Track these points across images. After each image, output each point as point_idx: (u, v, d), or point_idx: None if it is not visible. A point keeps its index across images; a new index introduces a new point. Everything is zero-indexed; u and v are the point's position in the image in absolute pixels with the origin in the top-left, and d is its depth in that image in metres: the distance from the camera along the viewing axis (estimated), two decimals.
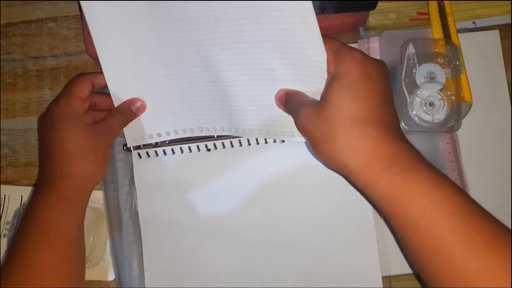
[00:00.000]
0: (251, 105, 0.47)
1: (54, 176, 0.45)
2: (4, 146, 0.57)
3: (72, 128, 0.45)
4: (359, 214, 0.50)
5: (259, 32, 0.42)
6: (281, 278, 0.51)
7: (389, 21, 0.55)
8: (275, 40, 0.42)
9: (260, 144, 0.52)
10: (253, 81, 0.45)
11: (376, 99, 0.36)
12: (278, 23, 0.40)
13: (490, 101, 0.54)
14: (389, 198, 0.35)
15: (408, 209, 0.34)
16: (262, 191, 0.51)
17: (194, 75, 0.48)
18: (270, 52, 0.43)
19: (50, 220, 0.44)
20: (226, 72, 0.46)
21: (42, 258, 0.42)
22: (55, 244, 0.43)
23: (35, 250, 0.42)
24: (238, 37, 0.43)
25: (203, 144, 0.52)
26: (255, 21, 0.41)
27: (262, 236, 0.51)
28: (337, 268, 0.50)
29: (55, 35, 0.58)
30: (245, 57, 0.44)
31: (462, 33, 0.54)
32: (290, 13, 0.39)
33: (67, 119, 0.45)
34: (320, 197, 0.51)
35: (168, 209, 0.52)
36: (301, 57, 0.41)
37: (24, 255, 0.42)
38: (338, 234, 0.50)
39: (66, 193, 0.45)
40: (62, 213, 0.44)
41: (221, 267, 0.51)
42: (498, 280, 0.31)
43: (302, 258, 0.51)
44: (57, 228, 0.44)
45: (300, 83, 0.43)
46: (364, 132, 0.35)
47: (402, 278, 0.53)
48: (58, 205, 0.44)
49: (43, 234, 0.43)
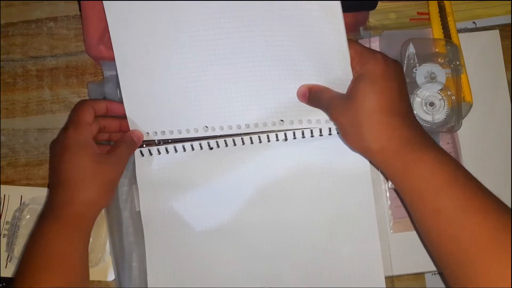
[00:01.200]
0: (269, 96, 0.49)
1: (59, 203, 0.46)
2: (4, 146, 0.57)
3: (80, 157, 0.46)
4: (362, 214, 0.50)
5: (287, 27, 0.45)
6: (284, 278, 0.51)
7: (389, 21, 0.55)
8: (301, 36, 0.45)
9: (262, 143, 0.52)
10: (275, 75, 0.48)
11: (394, 94, 0.42)
12: (307, 21, 0.44)
13: (491, 101, 0.54)
14: (400, 174, 0.42)
15: (415, 182, 0.41)
16: (265, 190, 0.51)
17: (203, 73, 0.49)
18: (294, 47, 0.46)
19: (52, 246, 0.44)
20: (245, 66, 0.48)
21: (44, 285, 0.43)
22: (57, 271, 0.44)
23: (37, 277, 0.43)
24: (267, 32, 0.46)
25: (205, 142, 0.52)
26: (285, 18, 0.44)
27: (265, 235, 0.51)
28: (339, 268, 0.50)
29: (55, 35, 0.58)
30: (269, 49, 0.47)
31: (462, 33, 0.54)
32: (319, 12, 0.43)
33: (76, 147, 0.47)
34: (323, 197, 0.51)
35: (170, 207, 0.52)
36: (326, 55, 0.45)
37: (27, 282, 0.43)
38: (340, 234, 0.50)
39: (70, 220, 0.45)
40: (65, 239, 0.45)
41: (223, 266, 0.51)
42: (488, 239, 0.38)
43: (304, 258, 0.51)
44: (59, 254, 0.44)
45: (323, 78, 0.46)
46: (384, 121, 0.42)
47: (405, 278, 0.53)
48: (62, 231, 0.45)
49: (46, 260, 0.44)
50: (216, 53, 0.48)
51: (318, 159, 0.51)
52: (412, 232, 0.52)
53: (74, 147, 0.47)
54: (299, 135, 0.51)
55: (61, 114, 0.57)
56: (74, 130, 0.47)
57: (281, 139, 0.51)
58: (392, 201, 0.52)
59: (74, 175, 0.46)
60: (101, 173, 0.47)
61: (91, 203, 0.47)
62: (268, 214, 0.51)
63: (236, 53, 0.47)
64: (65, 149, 0.47)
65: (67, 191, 0.46)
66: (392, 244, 0.51)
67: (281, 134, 0.51)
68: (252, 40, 0.47)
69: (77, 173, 0.46)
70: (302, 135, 0.51)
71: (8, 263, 0.54)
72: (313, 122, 0.50)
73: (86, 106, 0.49)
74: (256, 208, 0.51)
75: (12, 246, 0.53)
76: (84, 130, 0.48)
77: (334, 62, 0.45)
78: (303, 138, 0.51)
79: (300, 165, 0.51)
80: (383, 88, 0.42)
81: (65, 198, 0.46)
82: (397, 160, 0.42)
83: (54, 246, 0.44)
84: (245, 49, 0.47)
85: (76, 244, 0.46)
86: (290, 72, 0.47)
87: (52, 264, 0.44)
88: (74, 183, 0.46)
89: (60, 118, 0.57)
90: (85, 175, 0.46)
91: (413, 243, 0.52)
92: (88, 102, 0.50)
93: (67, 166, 0.46)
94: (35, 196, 0.55)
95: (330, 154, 0.51)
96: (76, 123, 0.48)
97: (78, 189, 0.46)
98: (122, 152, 0.50)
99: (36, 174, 0.56)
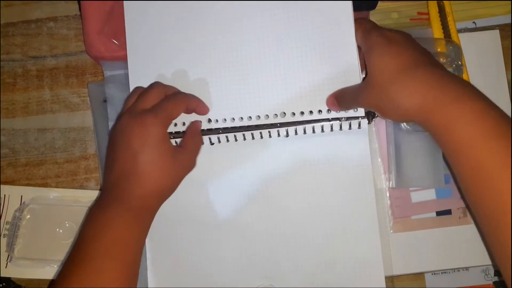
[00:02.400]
0: (279, 87, 0.50)
1: (133, 194, 0.45)
2: (3, 146, 0.57)
3: (161, 151, 0.45)
4: (363, 213, 0.50)
5: (300, 22, 0.50)
6: (284, 277, 0.50)
7: (390, 21, 0.55)
8: (312, 31, 0.49)
9: (264, 139, 0.51)
10: (285, 67, 0.50)
11: (408, 52, 0.42)
12: (318, 18, 0.49)
13: None
14: (438, 129, 0.40)
15: (453, 136, 0.39)
16: (265, 188, 0.51)
17: (214, 64, 0.51)
18: (307, 42, 0.50)
19: (121, 235, 0.43)
20: (257, 59, 0.50)
21: (107, 269, 0.42)
22: (122, 260, 0.43)
23: (99, 261, 0.42)
24: (282, 25, 0.50)
25: (206, 137, 0.52)
26: (296, 16, 0.50)
27: (265, 234, 0.51)
28: (340, 267, 0.50)
29: (55, 35, 0.58)
30: (284, 42, 0.50)
31: (463, 33, 0.54)
32: (330, 10, 0.48)
33: (160, 141, 0.45)
34: (324, 196, 0.51)
35: (172, 205, 0.51)
36: (335, 49, 0.49)
37: (86, 266, 0.42)
38: (341, 233, 0.50)
39: (142, 212, 0.45)
40: (134, 230, 0.44)
41: (223, 264, 0.51)
42: None
43: (305, 257, 0.51)
44: (126, 244, 0.43)
45: (330, 69, 0.49)
46: (411, 77, 0.40)
47: (405, 278, 0.53)
48: (132, 222, 0.44)
49: (113, 248, 0.43)
50: (222, 44, 0.51)
51: (319, 157, 0.51)
52: (412, 232, 0.52)
53: (158, 140, 0.45)
54: (300, 132, 0.51)
55: (61, 114, 0.57)
56: (162, 124, 0.46)
57: (283, 135, 0.51)
58: (392, 201, 0.52)
59: (154, 169, 0.45)
60: (176, 168, 0.47)
61: (163, 197, 0.47)
62: (268, 213, 0.51)
63: (243, 45, 0.50)
64: (147, 141, 0.45)
65: (143, 183, 0.44)
66: (392, 244, 0.51)
67: (283, 130, 0.51)
68: (261, 32, 0.50)
69: (156, 167, 0.45)
70: (304, 132, 0.51)
71: (8, 263, 0.54)
72: (315, 113, 0.50)
73: (180, 102, 0.48)
74: (258, 207, 0.51)
75: (12, 246, 0.53)
76: (168, 125, 0.47)
77: (341, 54, 0.48)
78: (305, 135, 0.51)
79: (301, 163, 0.51)
80: (391, 53, 0.42)
81: (141, 191, 0.45)
82: (437, 114, 0.39)
83: (123, 235, 0.43)
84: (252, 42, 0.50)
85: (142, 235, 0.45)
86: (294, 64, 0.50)
87: (118, 252, 0.43)
88: (152, 177, 0.45)
89: (60, 118, 0.57)
90: (163, 170, 0.45)
91: (413, 243, 0.52)
92: (181, 99, 0.49)
93: (148, 158, 0.44)
94: (35, 196, 0.55)
95: (331, 152, 0.51)
96: (167, 117, 0.47)
97: (155, 183, 0.45)
98: (195, 146, 0.50)
99: (36, 174, 0.56)
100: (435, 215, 0.53)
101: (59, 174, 0.56)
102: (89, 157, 0.56)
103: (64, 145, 0.57)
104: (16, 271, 0.54)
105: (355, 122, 0.50)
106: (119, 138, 0.46)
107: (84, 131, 0.57)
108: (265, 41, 0.51)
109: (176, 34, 0.52)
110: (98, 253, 0.42)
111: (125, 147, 0.45)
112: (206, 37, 0.51)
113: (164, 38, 0.52)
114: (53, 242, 0.53)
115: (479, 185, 0.38)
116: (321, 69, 0.50)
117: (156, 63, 0.52)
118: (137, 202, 0.44)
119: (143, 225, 0.45)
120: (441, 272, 0.54)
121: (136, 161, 0.44)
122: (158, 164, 0.45)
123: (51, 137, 0.57)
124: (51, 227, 0.53)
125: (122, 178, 0.45)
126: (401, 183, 0.51)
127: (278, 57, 0.50)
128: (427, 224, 0.52)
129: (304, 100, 0.50)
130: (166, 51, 0.52)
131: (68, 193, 0.55)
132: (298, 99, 0.50)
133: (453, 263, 0.52)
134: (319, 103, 0.49)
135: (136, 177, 0.44)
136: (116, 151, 0.46)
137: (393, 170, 0.51)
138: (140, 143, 0.45)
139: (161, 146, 0.45)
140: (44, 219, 0.53)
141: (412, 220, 0.53)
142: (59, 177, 0.56)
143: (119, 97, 0.53)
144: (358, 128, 0.50)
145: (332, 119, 0.50)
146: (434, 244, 0.52)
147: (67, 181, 0.56)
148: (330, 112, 0.49)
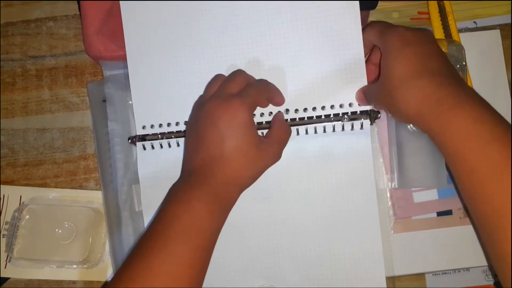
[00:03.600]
0: (281, 85, 0.51)
1: (216, 179, 0.44)
2: (3, 146, 0.56)
3: (247, 138, 0.44)
4: (364, 214, 0.50)
5: (308, 20, 0.50)
6: (285, 277, 0.50)
7: (390, 21, 0.55)
8: (320, 30, 0.50)
9: None
10: (292, 65, 0.51)
11: (417, 58, 0.42)
12: (326, 16, 0.50)
13: (491, 100, 0.52)
14: (439, 135, 0.41)
15: (450, 141, 0.40)
16: (267, 188, 0.51)
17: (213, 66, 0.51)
18: (316, 39, 0.51)
19: (201, 219, 0.42)
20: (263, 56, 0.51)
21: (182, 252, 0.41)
22: (198, 244, 0.42)
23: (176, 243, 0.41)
24: (290, 23, 0.51)
25: None
26: (306, 14, 0.50)
27: (266, 234, 0.51)
28: (341, 268, 0.50)
29: (54, 35, 0.58)
30: (295, 40, 0.51)
31: (463, 33, 0.54)
32: (338, 10, 0.49)
33: (247, 126, 0.44)
34: (325, 196, 0.51)
35: None
36: (343, 47, 0.50)
37: (164, 244, 0.41)
38: (342, 234, 0.50)
39: (227, 201, 0.45)
40: (214, 214, 0.43)
41: (224, 264, 0.51)
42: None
43: (305, 257, 0.50)
44: (205, 229, 0.43)
45: (338, 65, 0.50)
46: (412, 86, 0.42)
47: (406, 278, 0.53)
48: (218, 211, 0.44)
49: (191, 230, 0.42)
50: (222, 42, 0.51)
51: (321, 158, 0.51)
52: (413, 232, 0.52)
53: (246, 125, 0.44)
54: (302, 132, 0.51)
55: (60, 114, 0.57)
56: (248, 108, 0.45)
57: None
58: (395, 201, 0.52)
59: (239, 156, 0.44)
60: (261, 158, 0.46)
61: (243, 187, 0.46)
62: (269, 213, 0.51)
63: (244, 43, 0.51)
64: (234, 125, 0.44)
65: (228, 170, 0.44)
66: (393, 244, 0.51)
67: None
68: (270, 31, 0.51)
69: (241, 154, 0.44)
70: (306, 132, 0.51)
71: (7, 263, 0.54)
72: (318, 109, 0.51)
73: (263, 90, 0.48)
74: (258, 206, 0.51)
75: (12, 247, 0.53)
76: (253, 111, 0.47)
77: (348, 47, 0.50)
78: (306, 135, 0.51)
79: (303, 163, 0.51)
80: (403, 57, 0.43)
81: (225, 178, 0.44)
82: (434, 122, 0.41)
83: (208, 222, 0.43)
84: (263, 42, 0.51)
85: (219, 224, 0.44)
86: (299, 61, 0.51)
87: (193, 234, 0.42)
88: (237, 165, 0.44)
89: (60, 118, 0.57)
90: (247, 158, 0.44)
91: (414, 244, 0.52)
92: (265, 86, 0.49)
93: (235, 144, 0.44)
94: (34, 196, 0.54)
95: (334, 152, 0.51)
96: (251, 104, 0.46)
97: (239, 171, 0.44)
98: (284, 137, 0.49)
99: (35, 174, 0.56)
100: (436, 216, 0.52)
101: (58, 174, 0.56)
102: (89, 157, 0.56)
103: (63, 145, 0.56)
104: (15, 271, 0.54)
105: (357, 122, 0.50)
106: (207, 120, 0.45)
107: (84, 131, 0.57)
108: (267, 39, 0.51)
109: (175, 32, 0.52)
110: (175, 234, 0.41)
111: (212, 131, 0.44)
112: (205, 34, 0.52)
113: (162, 36, 0.52)
114: (52, 243, 0.53)
115: (474, 189, 0.39)
116: (325, 65, 0.50)
117: (156, 62, 0.52)
118: (220, 189, 0.44)
119: (223, 214, 0.45)
120: (442, 272, 0.54)
121: (223, 146, 0.44)
122: (243, 151, 0.44)
123: (50, 137, 0.57)
124: (50, 227, 0.53)
125: (208, 162, 0.44)
126: (404, 183, 0.51)
127: (283, 55, 0.51)
128: (427, 224, 0.52)
129: (306, 98, 0.50)
130: (166, 50, 0.52)
131: (67, 193, 0.55)
132: (299, 97, 0.50)
133: (454, 263, 0.52)
134: (323, 100, 0.50)
135: (222, 162, 0.44)
136: (203, 133, 0.45)
137: (396, 171, 0.51)
138: (227, 126, 0.44)
139: (248, 133, 0.44)
140: (43, 219, 0.53)
141: (412, 221, 0.52)
142: (58, 177, 0.56)
143: (119, 97, 0.53)
144: (360, 129, 0.50)
145: (334, 115, 0.50)
146: (435, 245, 0.52)
147: (66, 181, 0.56)
148: (333, 108, 0.50)
